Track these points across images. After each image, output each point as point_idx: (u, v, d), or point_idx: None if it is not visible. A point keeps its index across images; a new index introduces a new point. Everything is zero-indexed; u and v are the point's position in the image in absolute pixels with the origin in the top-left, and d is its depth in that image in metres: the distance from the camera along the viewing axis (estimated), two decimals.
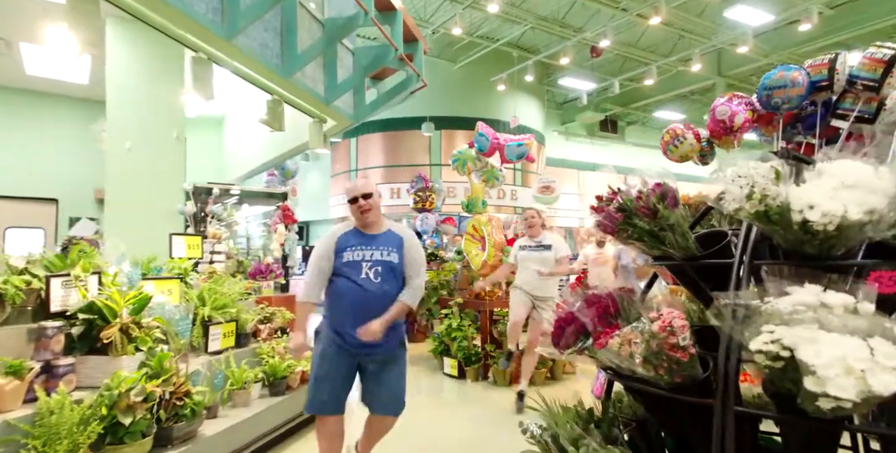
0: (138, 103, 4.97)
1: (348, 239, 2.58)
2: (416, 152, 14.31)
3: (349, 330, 2.46)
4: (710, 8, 12.49)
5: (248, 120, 7.26)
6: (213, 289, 3.47)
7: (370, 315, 2.45)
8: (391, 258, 2.55)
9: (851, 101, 1.78)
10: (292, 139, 5.67)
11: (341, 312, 2.52)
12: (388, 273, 2.53)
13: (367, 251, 2.54)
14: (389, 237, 2.62)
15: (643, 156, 21.39)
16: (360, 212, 2.55)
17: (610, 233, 1.74)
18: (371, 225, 2.60)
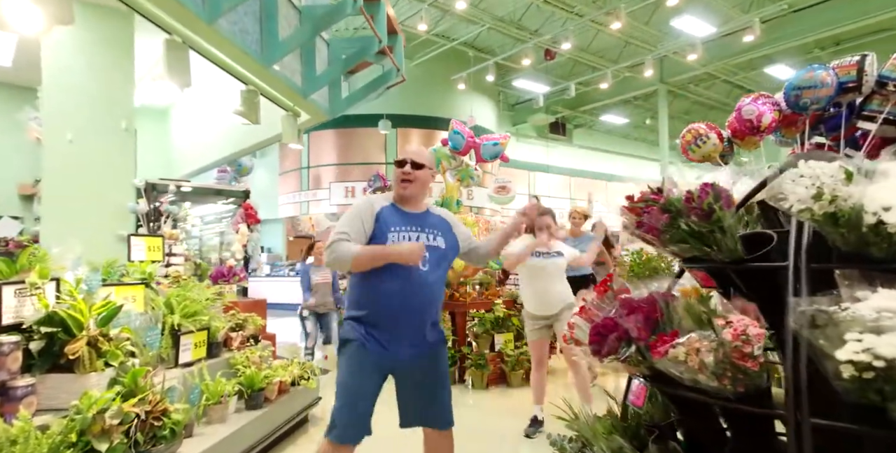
0: (81, 90, 4.48)
1: (391, 216, 2.14)
2: (371, 150, 14.04)
3: (394, 333, 2.08)
4: (657, 17, 13.01)
5: (200, 111, 6.77)
6: (182, 295, 3.16)
7: (422, 313, 2.10)
8: (438, 243, 2.17)
9: (879, 103, 1.81)
10: (255, 133, 5.32)
11: (386, 310, 2.08)
12: (435, 261, 2.14)
13: (413, 233, 2.12)
14: (433, 218, 2.25)
15: (590, 158, 22.06)
16: (400, 180, 2.17)
17: (652, 234, 1.67)
18: (410, 200, 2.20)
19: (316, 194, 14.43)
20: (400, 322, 2.09)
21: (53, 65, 4.41)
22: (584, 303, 2.12)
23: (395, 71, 4.14)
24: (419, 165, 2.17)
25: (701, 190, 1.56)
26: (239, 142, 5.92)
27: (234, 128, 5.60)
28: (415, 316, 2.10)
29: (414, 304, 2.08)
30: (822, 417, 1.31)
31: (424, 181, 2.20)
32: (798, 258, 1.50)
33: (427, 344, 2.16)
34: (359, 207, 2.15)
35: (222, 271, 4.67)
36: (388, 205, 2.19)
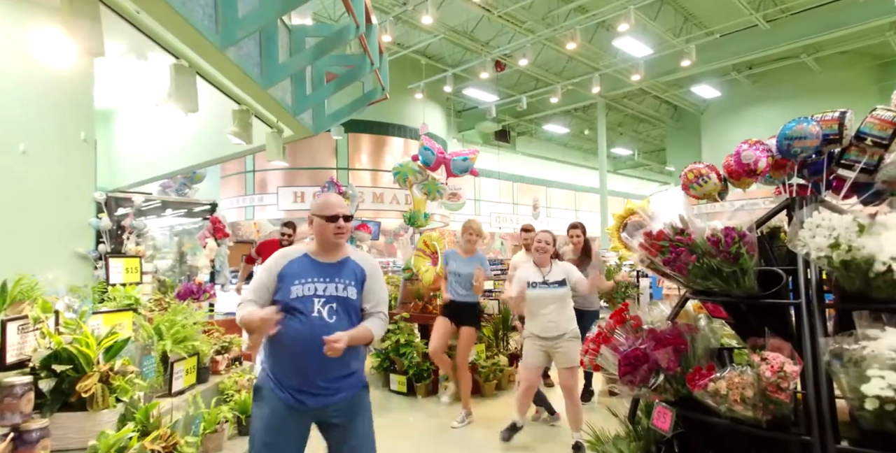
0: (35, 97, 4.16)
1: (298, 268, 2.14)
2: (321, 155, 13.78)
3: (300, 381, 2.06)
4: (598, 35, 13.72)
5: (154, 117, 6.39)
6: (172, 320, 3.03)
7: (325, 361, 2.00)
8: (348, 293, 2.14)
9: (856, 154, 2.09)
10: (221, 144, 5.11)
11: (288, 360, 2.07)
12: (344, 311, 2.11)
13: (320, 284, 2.11)
14: (348, 267, 2.19)
15: (532, 165, 22.80)
16: (335, 234, 2.13)
17: (681, 272, 1.85)
18: (330, 250, 2.19)
19: (262, 199, 13.97)
20: (305, 375, 2.07)
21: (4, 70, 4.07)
22: (599, 328, 2.28)
23: (380, 89, 4.16)
24: (349, 217, 2.20)
25: (725, 234, 1.74)
26: (200, 153, 5.61)
27: (195, 138, 5.37)
28: (320, 368, 2.06)
29: (317, 356, 2.00)
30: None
31: (351, 229, 2.31)
32: (809, 295, 1.72)
33: (340, 391, 2.12)
34: (267, 265, 2.18)
35: (191, 288, 4.46)
36: (300, 257, 2.19)
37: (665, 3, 12.46)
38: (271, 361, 2.13)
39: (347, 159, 13.91)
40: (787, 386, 1.47)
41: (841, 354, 1.45)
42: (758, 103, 16.75)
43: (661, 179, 29.28)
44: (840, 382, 1.47)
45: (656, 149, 25.70)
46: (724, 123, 17.69)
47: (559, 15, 12.45)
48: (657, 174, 29.08)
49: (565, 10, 12.30)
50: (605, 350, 1.96)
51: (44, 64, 3.90)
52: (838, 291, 1.73)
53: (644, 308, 2.37)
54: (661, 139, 23.90)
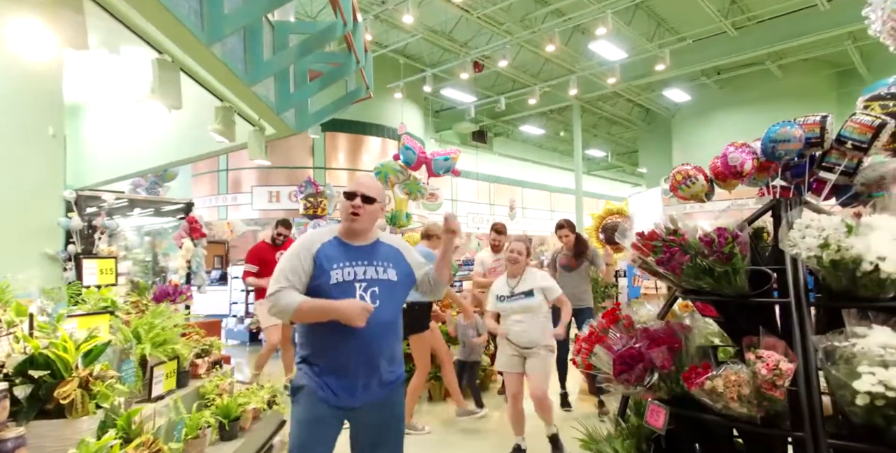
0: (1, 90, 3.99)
1: (332, 252, 1.99)
2: (297, 154, 13.57)
3: (347, 377, 1.95)
4: (575, 38, 13.90)
5: (121, 113, 6.17)
6: (150, 323, 2.93)
7: (376, 354, 1.96)
8: (389, 276, 2.03)
9: (837, 157, 2.16)
10: (198, 142, 4.97)
11: (333, 354, 1.95)
12: (387, 295, 2.01)
13: (359, 267, 1.99)
14: (382, 249, 2.10)
15: (508, 166, 22.96)
16: (350, 213, 1.99)
17: (674, 272, 1.88)
18: (358, 233, 2.05)
19: (236, 198, 13.68)
20: (352, 366, 1.95)
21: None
22: (591, 328, 2.30)
23: (365, 88, 4.12)
24: (370, 199, 2.02)
25: (718, 235, 1.78)
26: (175, 150, 5.43)
27: (169, 135, 5.21)
28: (368, 358, 1.96)
29: (366, 346, 1.94)
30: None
31: (374, 215, 2.05)
32: (798, 294, 1.77)
33: (382, 388, 2.03)
34: (297, 249, 2.01)
35: (167, 290, 4.33)
36: (331, 239, 2.04)
37: (639, 8, 12.70)
38: (315, 355, 1.98)
39: (324, 158, 13.75)
40: (782, 384, 1.51)
41: (833, 351, 1.50)
42: (725, 107, 17.23)
43: (632, 181, 29.85)
44: (830, 379, 1.52)
45: (629, 151, 26.19)
46: (694, 126, 18.14)
47: (537, 17, 12.56)
48: (629, 175, 29.64)
49: (542, 13, 12.42)
50: (599, 349, 1.98)
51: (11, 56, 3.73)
52: (824, 290, 1.79)
53: (631, 307, 2.41)
54: (634, 141, 24.36)
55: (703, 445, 2.10)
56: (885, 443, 1.47)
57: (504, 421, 4.54)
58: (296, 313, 1.91)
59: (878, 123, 2.01)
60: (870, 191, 2.18)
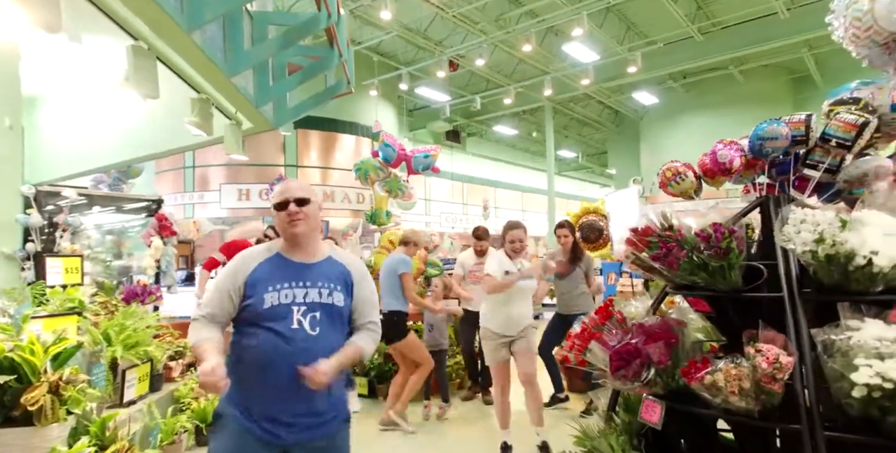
0: None
1: (267, 273, 1.78)
2: (268, 151, 13.26)
3: (273, 408, 1.70)
4: (548, 40, 14.04)
5: (83, 105, 5.87)
6: (121, 325, 2.79)
7: (303, 384, 1.64)
8: (333, 299, 1.80)
9: (821, 154, 2.21)
10: (169, 136, 4.76)
11: (260, 382, 1.70)
12: (328, 321, 1.78)
13: (299, 289, 1.76)
14: (331, 269, 1.86)
15: (481, 166, 23.04)
16: (289, 222, 1.79)
17: (671, 267, 1.88)
18: (302, 245, 1.84)
19: (203, 196, 13.28)
20: (281, 400, 1.71)
21: None
22: (584, 324, 2.29)
23: (346, 83, 4.03)
24: (303, 201, 1.81)
25: (715, 230, 1.79)
26: (141, 145, 5.19)
27: (135, 129, 4.98)
28: (298, 392, 1.68)
29: (295, 378, 1.64)
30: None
31: (315, 217, 1.85)
32: (791, 288, 1.80)
33: (322, 426, 1.78)
34: (229, 270, 1.82)
35: (135, 290, 4.14)
36: (270, 257, 1.83)
37: (610, 11, 12.91)
38: (237, 383, 1.67)
39: (296, 156, 13.48)
40: (782, 377, 1.52)
41: (831, 344, 1.52)
42: (691, 110, 17.71)
43: (601, 182, 30.38)
44: (827, 371, 1.54)
45: (598, 152, 26.64)
46: (661, 129, 18.58)
47: (511, 18, 12.63)
48: (598, 176, 30.16)
49: (517, 14, 12.49)
50: (595, 345, 1.97)
51: None
52: (813, 284, 1.82)
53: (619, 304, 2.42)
54: (603, 143, 24.79)
55: (692, 439, 2.12)
56: (880, 434, 1.49)
57: (485, 424, 4.53)
58: (193, 352, 1.75)
59: (862, 122, 2.06)
60: (852, 187, 2.25)
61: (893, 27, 2.79)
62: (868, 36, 2.89)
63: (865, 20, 2.85)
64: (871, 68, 2.78)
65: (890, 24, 2.80)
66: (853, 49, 3.08)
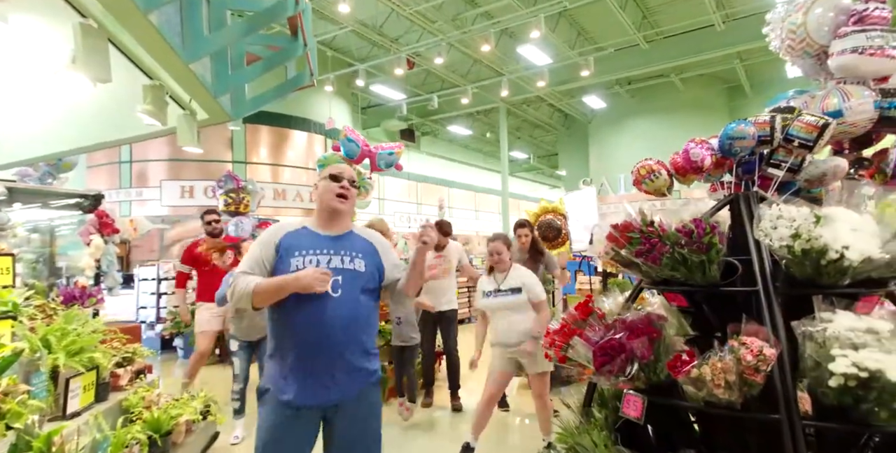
0: None
1: (296, 241, 1.94)
2: (214, 146, 12.67)
3: (311, 372, 1.83)
4: (503, 41, 14.20)
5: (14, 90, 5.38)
6: (63, 329, 2.54)
7: (340, 346, 1.84)
8: (355, 266, 1.94)
9: (784, 154, 2.31)
10: (110, 125, 4.43)
11: (298, 347, 1.84)
12: (351, 285, 1.90)
13: (323, 256, 1.91)
14: (354, 240, 2.03)
15: (435, 166, 23.02)
16: (338, 195, 1.97)
17: (654, 262, 1.90)
18: (333, 221, 2.01)
19: (142, 193, 12.52)
20: (316, 359, 1.84)
21: None
22: (563, 321, 2.29)
23: (308, 75, 3.87)
24: (354, 184, 2.06)
25: (696, 225, 1.82)
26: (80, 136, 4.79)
27: (68, 117, 4.59)
28: (332, 350, 1.85)
29: (329, 337, 1.83)
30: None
31: (354, 201, 2.08)
32: (766, 282, 1.86)
33: (352, 384, 1.91)
34: (261, 239, 1.99)
35: (73, 293, 3.82)
36: (298, 229, 2.01)
37: (562, 17, 13.21)
38: (278, 351, 1.90)
39: (245, 152, 12.96)
40: (766, 369, 1.56)
41: (810, 336, 1.58)
42: (635, 115, 18.42)
43: (551, 182, 31.09)
44: (804, 362, 1.60)
45: (549, 153, 27.24)
46: (608, 132, 19.22)
47: (467, 18, 12.68)
48: (548, 177, 30.84)
49: (473, 15, 12.55)
50: (577, 341, 1.96)
51: None
52: (785, 278, 1.89)
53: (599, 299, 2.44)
54: (554, 144, 25.36)
55: (669, 432, 2.16)
56: (851, 421, 1.56)
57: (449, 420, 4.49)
58: (254, 296, 1.83)
59: (823, 123, 2.17)
60: (811, 186, 2.36)
61: (824, 40, 2.99)
62: (802, 47, 3.09)
63: (799, 33, 3.04)
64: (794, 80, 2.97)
65: (821, 37, 3.00)
66: (789, 59, 3.28)
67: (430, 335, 4.99)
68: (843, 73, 2.84)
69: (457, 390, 4.87)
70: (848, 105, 2.63)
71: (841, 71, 2.82)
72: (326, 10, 11.68)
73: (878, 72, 2.81)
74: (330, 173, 2.03)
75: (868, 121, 2.69)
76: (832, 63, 2.83)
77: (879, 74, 2.85)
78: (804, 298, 1.79)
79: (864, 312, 1.76)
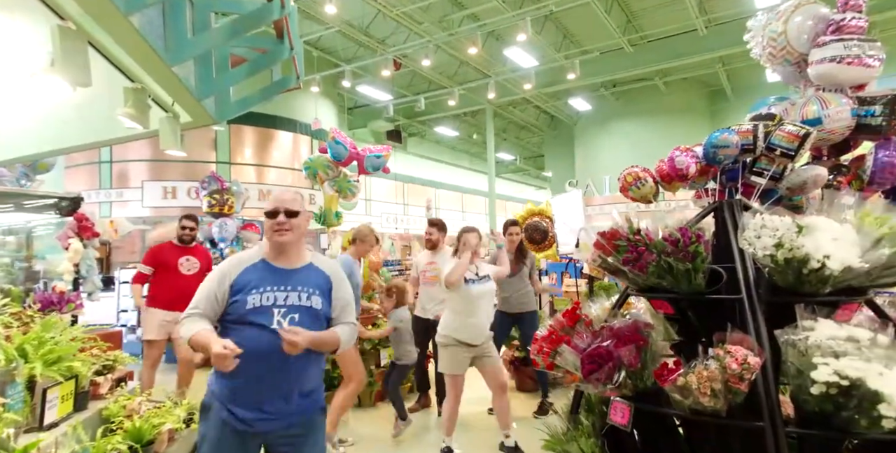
0: None
1: (252, 277, 1.95)
2: (197, 147, 12.48)
3: (253, 400, 1.87)
4: (490, 43, 14.24)
5: None
6: (41, 338, 2.48)
7: (285, 378, 1.89)
8: (312, 303, 1.96)
9: (766, 163, 2.35)
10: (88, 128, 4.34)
11: (243, 376, 1.84)
12: (307, 322, 1.92)
13: (279, 292, 1.93)
14: (311, 274, 2.03)
15: (422, 167, 23.00)
16: (275, 231, 1.97)
17: (641, 270, 1.91)
18: (286, 253, 2.02)
19: (122, 194, 12.29)
20: (262, 391, 1.89)
21: None
22: (551, 327, 2.30)
23: (295, 78, 3.83)
24: (293, 213, 2.00)
25: (682, 234, 1.84)
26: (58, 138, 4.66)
27: (46, 119, 4.50)
28: (281, 382, 1.90)
29: (280, 370, 1.88)
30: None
31: (302, 228, 2.05)
32: (749, 290, 1.88)
33: (297, 415, 1.95)
34: (217, 273, 1.98)
35: (51, 298, 3.73)
36: (255, 262, 2.00)
37: (549, 20, 13.28)
38: (221, 377, 1.91)
39: (229, 153, 12.80)
40: (750, 377, 1.58)
41: (793, 344, 1.60)
42: (620, 118, 18.60)
43: (537, 184, 31.24)
44: (787, 370, 1.62)
45: (535, 155, 27.37)
46: (594, 134, 19.38)
47: (454, 20, 12.68)
48: (534, 179, 30.98)
49: (459, 16, 12.56)
50: (565, 349, 1.97)
51: None
52: (767, 287, 1.92)
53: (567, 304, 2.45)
54: (540, 146, 25.49)
55: (655, 438, 2.18)
56: (832, 428, 1.59)
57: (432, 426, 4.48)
58: (189, 344, 1.87)
59: (804, 133, 2.21)
60: (793, 194, 2.40)
61: (803, 48, 3.05)
62: (782, 55, 3.13)
63: (780, 41, 3.09)
64: (773, 84, 3.02)
65: (800, 46, 3.05)
66: (769, 66, 3.33)
67: (422, 340, 4.96)
68: (821, 81, 2.89)
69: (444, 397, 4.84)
70: (826, 113, 2.68)
71: (820, 79, 2.87)
72: (312, 10, 11.59)
73: (856, 80, 2.87)
74: (265, 210, 2.04)
75: (846, 128, 2.74)
76: (812, 71, 2.88)
77: (857, 82, 2.90)
78: (786, 306, 1.82)
79: (844, 320, 1.79)
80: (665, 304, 2.05)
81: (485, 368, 3.55)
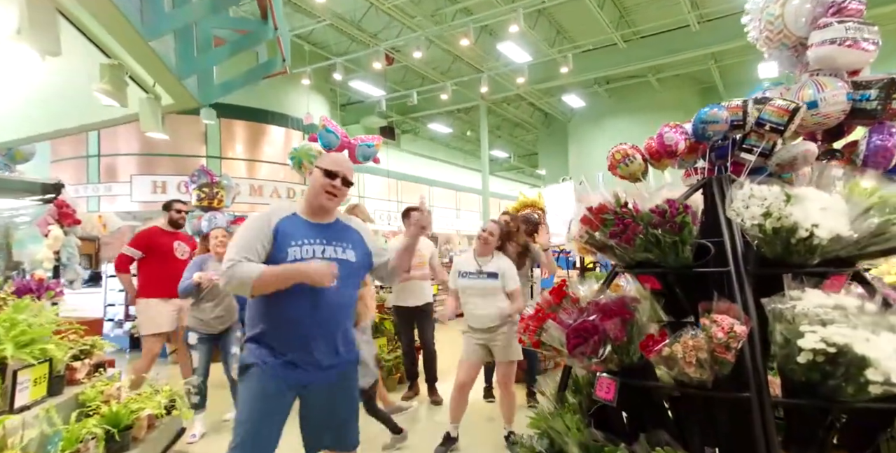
0: None
1: (290, 229, 1.95)
2: (187, 141, 12.37)
3: (296, 353, 1.93)
4: (483, 38, 14.19)
5: None
6: (13, 319, 2.41)
7: (331, 334, 1.97)
8: (347, 256, 2.02)
9: (756, 139, 2.31)
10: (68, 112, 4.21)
11: (290, 332, 1.92)
12: (345, 276, 1.95)
13: (318, 246, 1.96)
14: (342, 229, 2.09)
15: (415, 164, 22.92)
16: (327, 192, 1.98)
17: (627, 243, 1.87)
18: (325, 211, 2.05)
19: (111, 188, 12.15)
20: (306, 345, 1.94)
21: None
22: (537, 305, 2.25)
23: (280, 61, 3.76)
24: (349, 182, 2.05)
25: (669, 206, 1.80)
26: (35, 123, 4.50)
27: (26, 103, 4.39)
28: (326, 335, 1.97)
29: (325, 322, 1.96)
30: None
31: (345, 197, 2.12)
32: (737, 263, 1.84)
33: (337, 366, 2.03)
34: (254, 223, 1.96)
35: (29, 286, 3.64)
36: (289, 215, 2.01)
37: (542, 15, 13.26)
38: (266, 333, 1.96)
39: (220, 147, 12.68)
40: (736, 346, 1.54)
41: (780, 314, 1.56)
42: (613, 114, 18.61)
43: (531, 182, 31.22)
44: (775, 339, 1.58)
45: (529, 153, 27.35)
46: (587, 131, 19.37)
47: (447, 14, 12.62)
48: (528, 176, 30.97)
49: (452, 10, 12.51)
50: (551, 324, 1.93)
51: None
52: (755, 258, 1.88)
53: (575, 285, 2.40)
54: (534, 144, 25.47)
55: (642, 413, 2.14)
56: (818, 397, 1.55)
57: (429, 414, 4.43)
58: (257, 283, 1.83)
59: (793, 107, 2.17)
60: (782, 171, 2.37)
61: (801, 32, 3.02)
62: (779, 39, 3.11)
63: (777, 24, 3.06)
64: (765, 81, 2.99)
65: (798, 29, 3.02)
66: (766, 50, 3.30)
67: (408, 330, 4.92)
68: (820, 65, 2.86)
69: (434, 383, 4.80)
70: (822, 96, 2.65)
71: (819, 62, 2.84)
72: (304, 2, 11.50)
73: (853, 64, 2.85)
74: (326, 167, 2.00)
75: (841, 112, 2.71)
76: (811, 54, 2.85)
77: (853, 67, 2.88)
78: (775, 278, 1.78)
79: (833, 292, 1.75)
80: (652, 279, 2.01)
81: (496, 359, 3.50)
